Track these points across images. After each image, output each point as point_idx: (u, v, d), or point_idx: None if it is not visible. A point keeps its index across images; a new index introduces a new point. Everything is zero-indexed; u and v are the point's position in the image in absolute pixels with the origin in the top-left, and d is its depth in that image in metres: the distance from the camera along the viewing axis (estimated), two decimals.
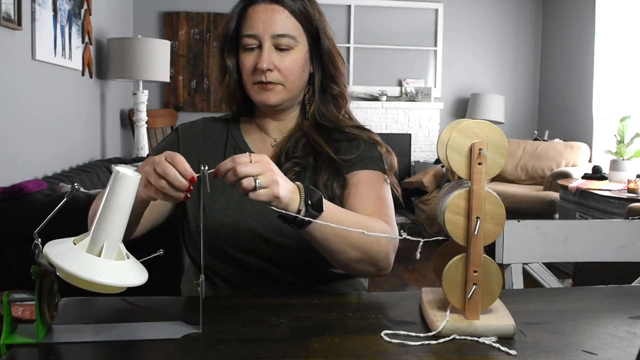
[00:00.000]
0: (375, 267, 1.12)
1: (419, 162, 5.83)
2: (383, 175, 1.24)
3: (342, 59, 1.27)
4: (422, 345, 0.86)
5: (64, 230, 0.96)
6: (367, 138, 1.27)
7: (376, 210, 1.16)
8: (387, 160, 1.26)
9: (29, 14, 2.76)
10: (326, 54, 1.23)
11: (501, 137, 0.90)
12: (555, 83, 5.95)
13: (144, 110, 4.26)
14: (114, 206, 0.85)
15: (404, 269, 4.23)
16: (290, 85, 1.20)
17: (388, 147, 1.29)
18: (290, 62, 1.18)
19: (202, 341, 0.86)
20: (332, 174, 1.21)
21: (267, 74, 1.17)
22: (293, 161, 1.21)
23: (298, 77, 1.21)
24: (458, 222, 0.90)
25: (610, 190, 3.84)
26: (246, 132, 1.29)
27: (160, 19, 5.44)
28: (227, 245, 1.17)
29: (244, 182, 0.90)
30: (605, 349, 0.85)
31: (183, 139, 1.28)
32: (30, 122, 2.84)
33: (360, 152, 1.24)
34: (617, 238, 1.41)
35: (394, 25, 5.96)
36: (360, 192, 1.19)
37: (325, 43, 1.22)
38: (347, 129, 1.27)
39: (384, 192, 1.22)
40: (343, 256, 1.07)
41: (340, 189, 1.20)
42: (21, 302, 0.89)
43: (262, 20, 1.17)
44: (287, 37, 1.17)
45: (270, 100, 1.20)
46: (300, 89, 1.24)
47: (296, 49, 1.19)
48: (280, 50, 1.18)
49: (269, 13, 1.17)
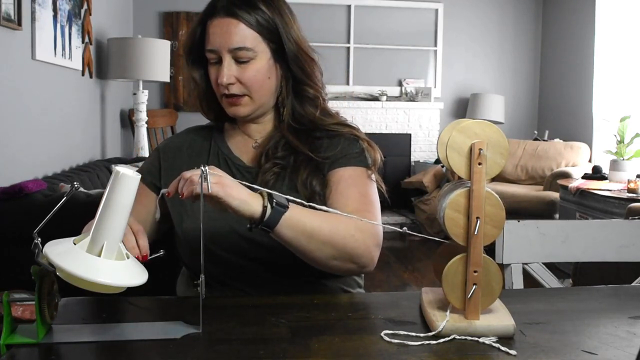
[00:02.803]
0: (356, 264, 1.12)
1: (419, 162, 5.83)
2: (366, 171, 1.22)
3: (311, 59, 1.24)
4: (422, 345, 0.86)
5: (64, 230, 0.96)
6: (348, 134, 1.26)
7: (357, 207, 1.15)
8: (369, 155, 1.24)
9: (29, 14, 2.76)
10: (292, 59, 1.21)
11: (501, 137, 0.90)
12: (555, 83, 5.95)
13: (144, 110, 4.26)
14: (114, 206, 0.85)
15: (404, 269, 4.23)
16: (256, 95, 1.20)
17: (370, 142, 1.27)
18: (251, 73, 1.18)
19: (202, 341, 0.86)
20: (311, 172, 1.20)
21: (229, 88, 1.18)
22: (273, 161, 1.21)
23: (262, 86, 1.20)
24: (458, 222, 0.90)
25: (610, 190, 3.84)
26: (229, 136, 1.30)
27: (160, 19, 5.44)
28: (214, 247, 1.17)
29: (193, 178, 0.94)
30: (605, 349, 0.85)
31: (164, 155, 1.30)
32: (30, 122, 2.84)
33: (341, 148, 1.23)
34: (617, 238, 1.41)
35: (394, 25, 5.96)
36: (341, 190, 1.18)
37: (289, 48, 1.20)
38: (328, 126, 1.26)
39: (366, 189, 1.21)
40: (317, 254, 1.07)
41: (320, 186, 1.20)
42: (21, 302, 0.89)
43: (219, 35, 1.16)
44: (245, 50, 1.16)
45: (239, 112, 1.21)
46: (270, 95, 1.23)
47: (257, 59, 1.18)
48: (241, 63, 1.17)
49: (224, 27, 1.16)
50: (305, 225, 1.04)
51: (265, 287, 1.19)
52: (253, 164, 1.25)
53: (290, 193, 0.98)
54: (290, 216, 1.02)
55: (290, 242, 1.05)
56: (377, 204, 1.21)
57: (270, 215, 1.00)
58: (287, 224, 1.02)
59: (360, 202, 1.17)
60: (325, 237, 1.06)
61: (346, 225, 1.08)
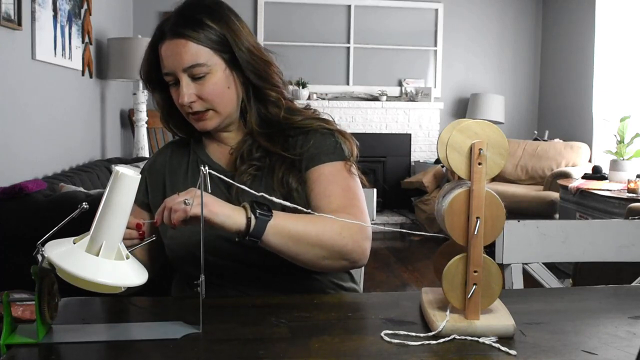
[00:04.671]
0: (347, 260, 1.12)
1: (419, 162, 5.83)
2: (344, 165, 1.22)
3: (266, 62, 1.23)
4: (422, 345, 0.86)
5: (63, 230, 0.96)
6: (320, 128, 1.25)
7: (341, 204, 1.15)
8: (345, 147, 1.24)
9: (29, 14, 2.76)
10: (246, 66, 1.20)
11: (501, 137, 0.90)
12: (555, 83, 5.95)
13: (144, 110, 4.26)
14: (114, 206, 0.85)
15: (404, 269, 4.23)
16: (219, 107, 1.21)
17: (344, 132, 1.27)
18: (210, 87, 1.18)
19: (202, 341, 0.86)
20: (287, 169, 1.21)
21: (192, 106, 1.19)
22: (248, 163, 1.22)
23: (223, 97, 1.20)
24: (458, 222, 0.90)
25: (610, 190, 3.84)
26: (207, 145, 1.32)
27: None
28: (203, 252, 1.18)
29: (174, 207, 0.98)
30: (605, 349, 0.85)
31: (149, 175, 1.33)
32: (30, 122, 2.84)
33: (314, 143, 1.22)
34: (617, 238, 1.41)
35: (394, 25, 5.96)
36: (322, 188, 1.18)
37: (241, 57, 1.20)
38: (297, 124, 1.25)
39: (347, 183, 1.20)
40: (307, 257, 1.09)
41: (297, 183, 1.20)
42: (21, 302, 0.89)
43: (171, 57, 1.17)
44: (198, 66, 1.16)
45: (207, 126, 1.22)
46: (233, 104, 1.23)
47: (212, 72, 1.18)
48: (198, 79, 1.18)
49: (175, 49, 1.17)
50: (291, 230, 1.06)
51: (255, 286, 1.20)
52: (231, 168, 1.26)
53: (268, 193, 0.99)
54: (275, 223, 1.04)
55: (279, 249, 1.07)
56: (361, 197, 1.21)
57: (255, 226, 1.02)
58: (273, 231, 1.04)
59: (343, 198, 1.17)
60: (313, 239, 1.07)
61: (332, 223, 1.09)
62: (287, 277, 1.20)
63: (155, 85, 1.26)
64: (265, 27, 5.68)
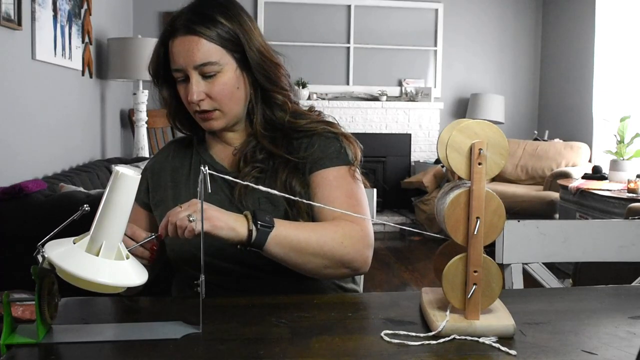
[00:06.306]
0: (349, 268, 1.13)
1: (419, 162, 5.83)
2: (349, 169, 1.21)
3: (275, 64, 1.23)
4: (422, 345, 0.86)
5: (63, 231, 0.96)
6: (324, 131, 1.24)
7: (345, 209, 1.14)
8: (350, 151, 1.23)
9: (29, 14, 2.76)
10: (256, 68, 1.20)
11: (501, 137, 0.90)
12: (555, 83, 5.95)
13: (144, 110, 4.26)
14: (114, 206, 0.85)
15: (404, 269, 4.23)
16: (226, 108, 1.20)
17: (348, 135, 1.26)
18: (219, 86, 1.18)
19: (202, 341, 0.86)
20: (290, 172, 1.20)
21: (200, 104, 1.18)
22: (251, 165, 1.22)
23: (232, 97, 1.20)
24: (458, 222, 0.90)
25: (610, 190, 3.84)
26: (210, 145, 1.31)
27: (160, 19, 5.44)
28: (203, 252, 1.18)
29: (178, 222, 0.99)
30: (605, 349, 0.85)
31: (151, 174, 1.32)
32: (30, 122, 2.84)
33: (318, 147, 1.22)
34: (617, 238, 1.40)
35: (393, 25, 5.96)
36: (326, 193, 1.18)
37: (252, 57, 1.19)
38: (301, 127, 1.25)
39: (351, 188, 1.20)
40: (309, 266, 1.09)
41: (301, 187, 1.19)
42: (21, 302, 0.89)
43: (182, 54, 1.16)
44: (210, 65, 1.16)
45: (213, 127, 1.22)
46: (241, 105, 1.23)
47: (223, 71, 1.18)
48: (208, 77, 1.17)
49: (187, 45, 1.16)
50: (293, 241, 1.06)
51: (256, 287, 1.20)
52: (234, 169, 1.25)
53: (270, 196, 0.99)
54: (277, 234, 1.04)
55: (281, 258, 1.07)
56: (364, 203, 1.21)
57: (256, 237, 1.03)
58: (275, 242, 1.04)
59: (347, 204, 1.16)
60: (314, 248, 1.08)
61: (334, 233, 1.09)
62: (288, 278, 1.20)
63: (163, 81, 1.25)
64: (265, 27, 5.68)
